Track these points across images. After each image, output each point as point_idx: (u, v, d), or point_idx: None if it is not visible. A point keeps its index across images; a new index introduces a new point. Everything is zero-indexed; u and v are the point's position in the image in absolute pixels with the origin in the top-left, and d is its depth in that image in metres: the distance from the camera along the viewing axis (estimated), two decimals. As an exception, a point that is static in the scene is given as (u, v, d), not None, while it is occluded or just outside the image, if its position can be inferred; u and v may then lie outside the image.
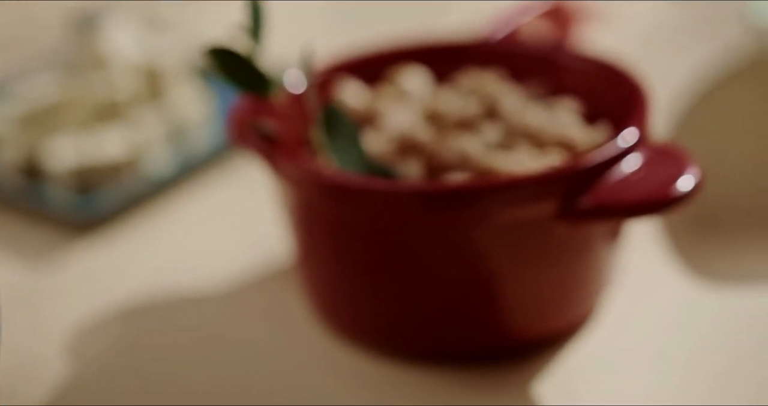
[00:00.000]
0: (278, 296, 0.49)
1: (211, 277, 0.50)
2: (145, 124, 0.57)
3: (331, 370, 0.44)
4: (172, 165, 0.57)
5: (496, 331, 0.43)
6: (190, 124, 0.59)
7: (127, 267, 0.52)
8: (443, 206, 0.40)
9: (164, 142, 0.58)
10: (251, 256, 0.51)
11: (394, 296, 0.43)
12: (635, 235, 0.48)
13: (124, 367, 0.45)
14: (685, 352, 0.43)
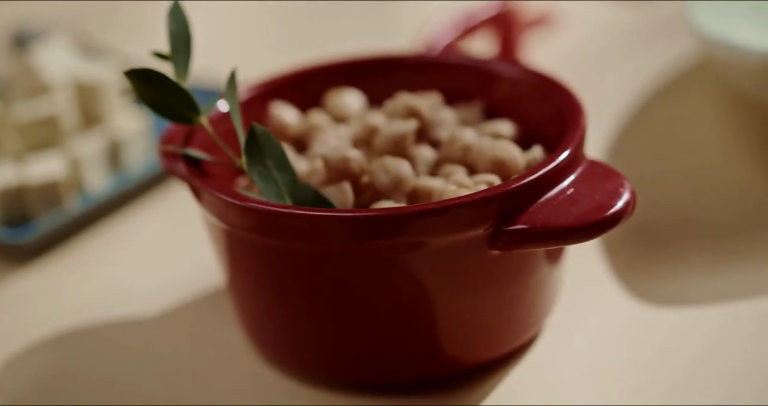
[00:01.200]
0: (214, 318, 0.48)
1: (148, 300, 0.49)
2: (83, 146, 0.56)
3: (267, 399, 0.43)
4: (109, 188, 0.56)
5: (434, 359, 0.42)
6: (128, 147, 0.58)
7: (62, 292, 0.51)
8: (372, 234, 0.39)
9: (102, 165, 0.57)
10: (188, 278, 0.50)
11: (326, 326, 0.42)
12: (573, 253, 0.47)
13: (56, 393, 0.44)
14: (627, 371, 0.43)
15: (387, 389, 0.43)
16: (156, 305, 0.49)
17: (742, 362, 0.42)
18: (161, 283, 0.50)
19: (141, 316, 0.49)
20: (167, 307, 0.49)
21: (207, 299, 0.49)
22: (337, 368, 0.43)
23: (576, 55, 0.66)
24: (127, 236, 0.55)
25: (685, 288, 0.47)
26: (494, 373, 0.43)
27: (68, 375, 0.46)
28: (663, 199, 0.51)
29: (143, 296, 0.50)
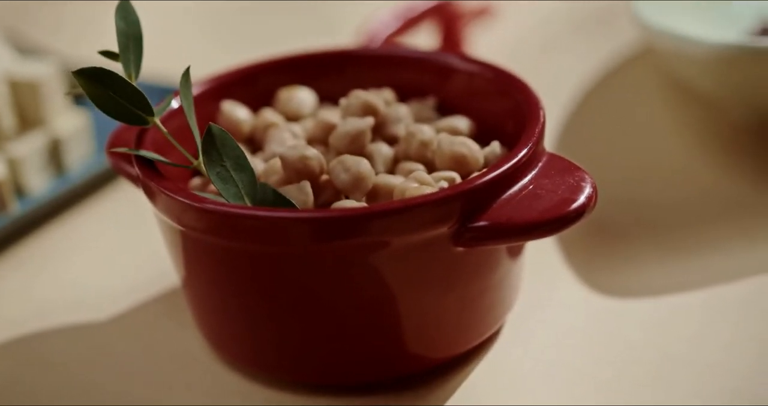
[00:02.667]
0: (169, 321, 0.47)
1: (98, 304, 0.48)
2: (21, 147, 0.55)
3: (223, 398, 0.43)
4: (50, 189, 0.55)
5: (398, 358, 0.42)
6: (69, 147, 0.56)
7: (4, 300, 0.49)
8: (336, 234, 0.38)
9: (42, 166, 0.55)
10: (139, 280, 0.49)
11: (287, 328, 0.41)
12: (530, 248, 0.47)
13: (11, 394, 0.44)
14: (588, 363, 0.43)
15: (350, 390, 0.42)
16: (106, 310, 0.48)
17: (698, 350, 0.43)
18: (111, 286, 0.49)
19: (91, 321, 0.47)
20: (118, 311, 0.48)
21: (160, 302, 0.48)
22: (299, 370, 0.42)
23: (518, 45, 0.66)
24: (72, 239, 0.53)
25: (640, 279, 0.47)
26: (458, 370, 0.43)
27: (16, 385, 0.44)
28: (610, 188, 0.51)
29: (92, 300, 0.49)
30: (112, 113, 0.41)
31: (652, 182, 0.53)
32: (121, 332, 0.47)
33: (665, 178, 0.53)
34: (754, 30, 0.58)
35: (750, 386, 0.41)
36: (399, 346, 0.41)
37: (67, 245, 0.53)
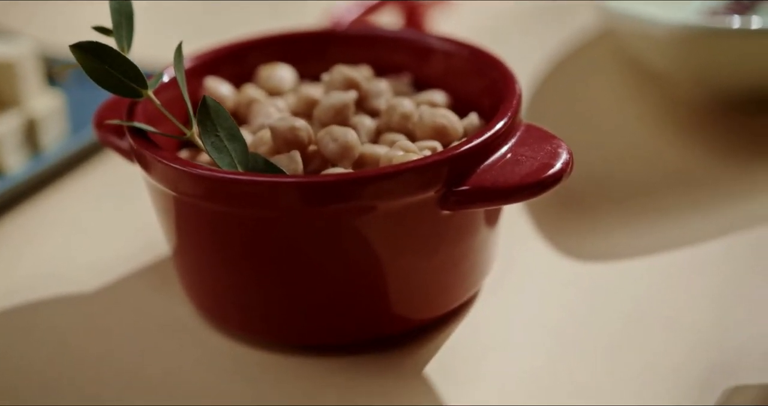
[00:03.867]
0: (155, 291, 0.48)
1: (83, 277, 0.49)
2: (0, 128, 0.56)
3: (214, 362, 0.44)
4: (27, 169, 0.56)
5: (383, 319, 0.44)
6: (44, 127, 0.57)
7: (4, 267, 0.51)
8: (324, 199, 0.40)
9: (18, 146, 0.56)
10: (123, 253, 0.51)
11: (276, 290, 0.43)
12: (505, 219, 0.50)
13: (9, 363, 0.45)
14: (562, 322, 0.45)
15: (336, 349, 0.44)
16: (93, 282, 0.49)
17: (660, 308, 0.46)
18: (95, 260, 0.51)
19: (78, 293, 0.49)
20: (105, 283, 0.49)
21: (146, 274, 0.49)
22: (286, 331, 0.44)
23: (479, 30, 0.68)
24: (52, 216, 0.54)
25: (606, 245, 0.50)
26: (440, 330, 0.45)
27: (5, 356, 0.45)
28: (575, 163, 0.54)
29: (78, 273, 0.50)
30: (108, 86, 0.42)
31: (614, 157, 0.56)
32: (108, 302, 0.48)
33: (625, 153, 0.56)
34: (712, 9, 0.61)
35: (710, 338, 0.44)
36: (384, 307, 0.43)
37: (48, 222, 0.54)
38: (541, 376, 0.43)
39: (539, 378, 0.43)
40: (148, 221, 0.52)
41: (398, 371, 0.43)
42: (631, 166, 0.55)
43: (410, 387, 0.42)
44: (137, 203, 0.54)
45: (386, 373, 0.43)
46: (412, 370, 0.43)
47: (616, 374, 0.43)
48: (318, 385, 0.43)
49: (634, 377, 0.42)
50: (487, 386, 0.42)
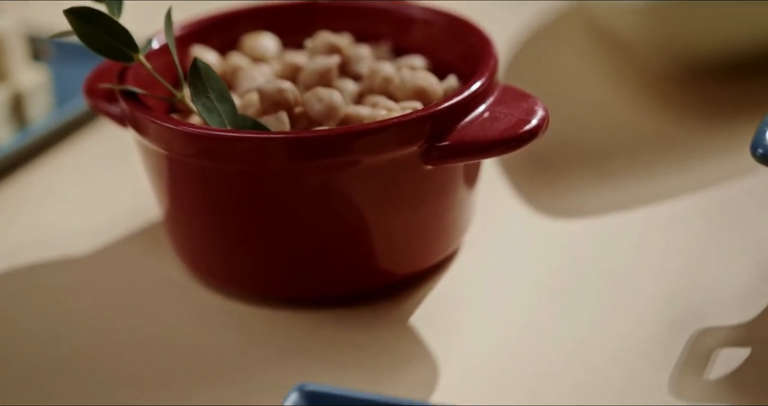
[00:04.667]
0: (149, 249, 0.50)
1: (75, 242, 0.51)
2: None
3: (206, 318, 0.46)
4: (14, 141, 0.57)
5: (367, 273, 0.46)
6: (30, 101, 0.59)
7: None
8: (311, 154, 0.42)
9: (4, 119, 0.57)
10: (113, 218, 0.52)
11: (264, 244, 0.45)
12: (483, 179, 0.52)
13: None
14: (541, 276, 0.47)
15: (323, 302, 0.46)
16: (84, 246, 0.51)
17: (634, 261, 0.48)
18: (86, 225, 0.52)
19: (71, 256, 0.50)
20: (97, 247, 0.51)
21: (137, 237, 0.51)
22: (276, 285, 0.46)
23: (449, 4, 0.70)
24: (41, 187, 0.56)
25: (580, 201, 0.52)
26: (423, 283, 0.47)
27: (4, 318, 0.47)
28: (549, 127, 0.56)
29: (70, 238, 0.51)
30: (100, 50, 0.44)
31: (586, 122, 0.58)
32: (101, 265, 0.50)
33: (597, 117, 0.58)
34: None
35: (681, 286, 0.46)
36: (369, 261, 0.45)
37: (37, 192, 0.55)
38: (522, 324, 0.45)
39: (520, 326, 0.45)
40: (135, 189, 0.54)
41: (384, 322, 0.45)
42: (602, 130, 0.57)
43: (397, 337, 0.44)
44: (124, 172, 0.56)
45: (373, 324, 0.45)
46: (398, 321, 0.45)
47: (592, 320, 0.45)
48: (307, 337, 0.45)
49: (609, 322, 0.44)
50: (470, 334, 0.44)
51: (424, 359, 0.43)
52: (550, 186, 0.53)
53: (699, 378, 0.41)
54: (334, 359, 0.43)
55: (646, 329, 0.44)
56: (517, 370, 0.42)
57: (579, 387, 0.41)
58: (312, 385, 0.38)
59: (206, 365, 0.43)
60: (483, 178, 0.49)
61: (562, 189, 0.53)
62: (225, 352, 0.44)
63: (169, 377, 0.43)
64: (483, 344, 0.44)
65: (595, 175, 0.54)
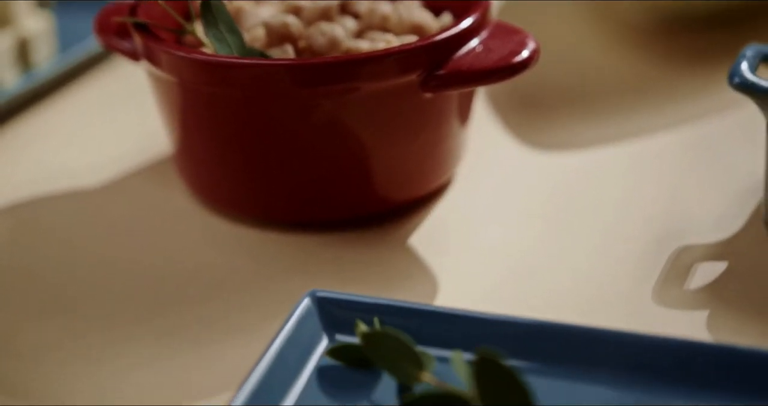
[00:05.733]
0: (157, 181, 0.52)
1: (86, 175, 0.53)
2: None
3: (215, 242, 0.48)
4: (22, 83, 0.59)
5: (370, 197, 0.48)
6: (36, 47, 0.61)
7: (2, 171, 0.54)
8: (316, 80, 0.45)
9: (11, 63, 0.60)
10: (123, 154, 0.55)
11: (271, 170, 0.47)
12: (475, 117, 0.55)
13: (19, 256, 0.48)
14: (531, 204, 0.50)
15: (326, 226, 0.49)
16: (94, 180, 0.53)
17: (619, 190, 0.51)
18: (94, 161, 0.54)
19: (81, 189, 0.52)
20: (105, 180, 0.53)
21: (144, 171, 0.53)
22: (280, 209, 0.49)
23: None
24: (49, 126, 0.58)
25: (568, 137, 0.55)
26: (420, 209, 0.50)
27: (14, 247, 0.49)
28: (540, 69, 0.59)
29: (79, 172, 0.54)
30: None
31: (573, 67, 0.61)
32: (111, 196, 0.52)
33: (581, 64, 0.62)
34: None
35: (662, 210, 0.49)
36: (369, 186, 0.48)
37: (45, 132, 0.58)
38: (513, 244, 0.48)
39: (512, 246, 0.47)
40: (140, 128, 0.56)
41: (385, 243, 0.48)
42: (588, 74, 0.60)
43: (397, 256, 0.47)
44: (127, 113, 0.59)
45: (374, 245, 0.48)
46: (398, 242, 0.48)
47: (579, 241, 0.48)
48: (313, 257, 0.47)
49: (596, 242, 0.47)
50: (465, 254, 0.47)
51: (422, 275, 0.46)
52: (539, 123, 0.56)
53: (680, 289, 0.44)
54: (338, 276, 0.46)
55: (630, 248, 0.47)
56: (510, 284, 0.45)
57: (568, 299, 0.44)
58: (323, 291, 0.40)
59: (218, 282, 0.46)
60: (475, 117, 0.51)
61: (551, 125, 0.56)
62: (235, 271, 0.46)
63: (184, 293, 0.45)
64: (477, 262, 0.47)
65: (582, 113, 0.57)
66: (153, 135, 0.55)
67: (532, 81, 0.58)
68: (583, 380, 0.37)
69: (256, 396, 0.36)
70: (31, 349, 0.42)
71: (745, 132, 0.54)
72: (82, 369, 0.41)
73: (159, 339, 0.43)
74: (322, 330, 0.39)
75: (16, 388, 0.40)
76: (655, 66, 0.61)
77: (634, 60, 0.61)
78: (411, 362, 0.36)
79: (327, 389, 0.37)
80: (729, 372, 0.36)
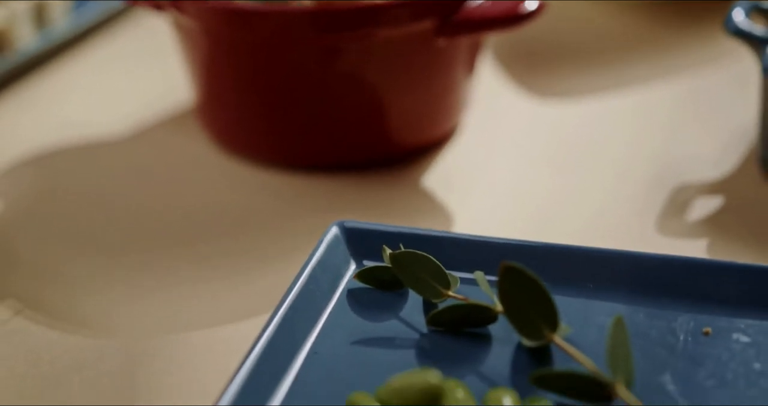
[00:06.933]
0: (180, 132, 0.55)
1: (111, 125, 0.56)
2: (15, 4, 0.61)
3: (238, 185, 0.51)
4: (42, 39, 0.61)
5: (383, 141, 0.51)
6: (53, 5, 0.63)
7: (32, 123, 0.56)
8: (335, 26, 0.47)
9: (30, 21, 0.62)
10: (145, 105, 0.57)
11: (289, 115, 0.50)
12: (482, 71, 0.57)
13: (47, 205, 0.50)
14: (536, 149, 0.53)
15: (343, 168, 0.51)
16: (116, 130, 0.55)
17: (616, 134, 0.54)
18: (115, 114, 0.57)
19: (103, 139, 0.55)
20: (127, 131, 0.55)
21: (165, 122, 0.56)
22: (300, 153, 0.51)
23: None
24: (64, 83, 0.60)
25: (570, 86, 0.58)
26: (430, 154, 0.52)
27: (55, 190, 0.51)
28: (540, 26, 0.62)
29: (102, 122, 0.56)
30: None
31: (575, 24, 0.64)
32: (136, 145, 0.54)
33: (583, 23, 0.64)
34: None
35: (661, 151, 0.52)
36: (383, 130, 0.51)
37: (68, 86, 0.60)
38: (521, 184, 0.50)
39: (520, 186, 0.50)
40: (158, 81, 0.58)
41: (400, 184, 0.50)
42: (587, 30, 0.64)
43: (412, 195, 0.50)
44: (145, 66, 0.61)
45: (391, 186, 0.50)
46: (412, 183, 0.51)
47: (583, 180, 0.50)
48: (332, 197, 0.50)
49: (600, 180, 0.50)
50: (477, 193, 0.50)
51: (437, 212, 0.49)
52: (542, 75, 0.59)
53: (681, 220, 0.47)
54: (358, 214, 0.48)
55: (632, 185, 0.50)
56: (521, 219, 0.48)
57: (575, 230, 0.47)
58: (349, 221, 0.43)
59: (244, 220, 0.48)
60: (482, 70, 0.54)
61: (552, 77, 0.59)
62: (259, 210, 0.49)
63: (211, 230, 0.48)
64: (488, 200, 0.49)
65: (583, 65, 0.59)
66: (172, 88, 0.58)
67: (535, 36, 0.61)
68: (596, 298, 0.40)
69: (291, 316, 0.38)
70: (76, 280, 0.45)
71: (737, 80, 0.57)
72: (123, 298, 0.44)
73: (193, 269, 0.45)
74: (350, 256, 0.42)
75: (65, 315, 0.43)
76: (653, 19, 0.64)
77: (632, 14, 0.64)
78: (437, 280, 0.39)
79: (357, 309, 0.40)
80: (729, 286, 0.39)
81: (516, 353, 0.37)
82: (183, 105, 0.57)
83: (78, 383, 0.39)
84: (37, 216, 0.49)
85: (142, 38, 0.64)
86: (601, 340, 0.36)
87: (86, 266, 0.45)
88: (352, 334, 0.39)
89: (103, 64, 0.62)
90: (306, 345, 0.38)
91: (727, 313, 0.39)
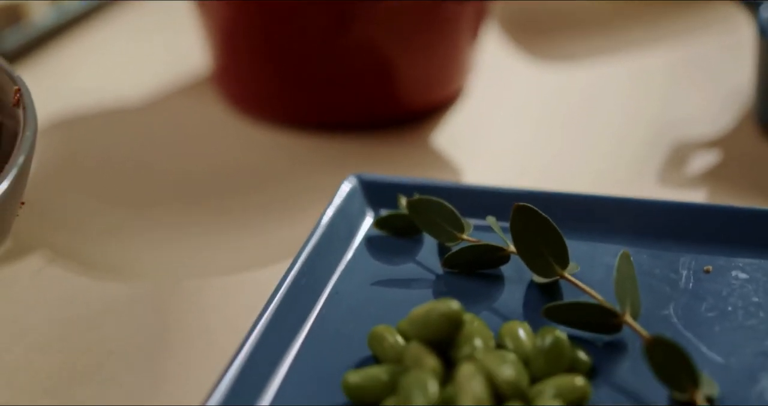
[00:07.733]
0: (196, 98, 0.57)
1: (129, 92, 0.58)
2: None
3: (253, 146, 0.53)
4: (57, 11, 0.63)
5: (393, 101, 0.53)
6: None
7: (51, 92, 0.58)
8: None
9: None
10: (162, 73, 0.59)
11: (304, 76, 0.52)
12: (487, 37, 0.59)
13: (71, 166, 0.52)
14: (532, 108, 0.55)
15: (354, 128, 0.53)
16: (133, 97, 0.57)
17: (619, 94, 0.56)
18: (137, 81, 0.59)
19: (122, 106, 0.57)
20: (144, 97, 0.57)
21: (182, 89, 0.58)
22: (314, 113, 0.53)
23: None
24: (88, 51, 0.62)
25: (571, 51, 0.60)
26: (437, 115, 0.54)
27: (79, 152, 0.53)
28: None
29: (123, 91, 0.58)
30: None
31: None
32: (154, 111, 0.56)
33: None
34: None
35: (661, 109, 0.54)
36: (393, 90, 0.53)
37: (84, 56, 0.62)
38: (527, 141, 0.53)
39: (526, 143, 0.52)
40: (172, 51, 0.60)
41: (410, 142, 0.52)
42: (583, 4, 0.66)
43: (422, 153, 0.52)
44: (158, 38, 0.63)
45: (401, 144, 0.52)
46: (422, 141, 0.53)
47: (586, 138, 0.52)
48: (346, 155, 0.52)
49: (601, 140, 0.52)
50: (484, 151, 0.52)
51: (447, 168, 0.51)
52: (543, 40, 0.61)
53: (682, 173, 0.49)
54: (370, 171, 0.50)
55: (633, 143, 0.52)
56: (529, 173, 0.50)
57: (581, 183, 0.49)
58: (365, 174, 0.45)
59: (261, 177, 0.50)
60: (487, 36, 0.56)
61: (555, 41, 0.61)
62: (274, 169, 0.51)
63: (229, 187, 0.50)
64: (496, 157, 0.51)
65: (584, 31, 0.62)
66: (186, 57, 0.59)
67: (538, 3, 0.63)
68: (603, 241, 0.42)
69: (313, 259, 0.40)
70: (105, 231, 0.47)
71: (732, 44, 0.59)
72: (150, 247, 0.46)
73: (215, 222, 0.47)
74: (366, 205, 0.44)
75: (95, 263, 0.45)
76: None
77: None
78: (452, 224, 0.41)
79: (375, 254, 0.42)
80: (728, 228, 0.41)
81: (528, 292, 0.40)
82: (198, 73, 0.59)
83: (113, 323, 0.41)
84: (64, 176, 0.51)
85: (156, 8, 0.66)
86: (608, 279, 0.38)
87: (113, 218, 0.47)
88: (372, 276, 0.41)
89: (118, 35, 0.64)
90: (328, 286, 0.40)
91: (726, 253, 0.41)
